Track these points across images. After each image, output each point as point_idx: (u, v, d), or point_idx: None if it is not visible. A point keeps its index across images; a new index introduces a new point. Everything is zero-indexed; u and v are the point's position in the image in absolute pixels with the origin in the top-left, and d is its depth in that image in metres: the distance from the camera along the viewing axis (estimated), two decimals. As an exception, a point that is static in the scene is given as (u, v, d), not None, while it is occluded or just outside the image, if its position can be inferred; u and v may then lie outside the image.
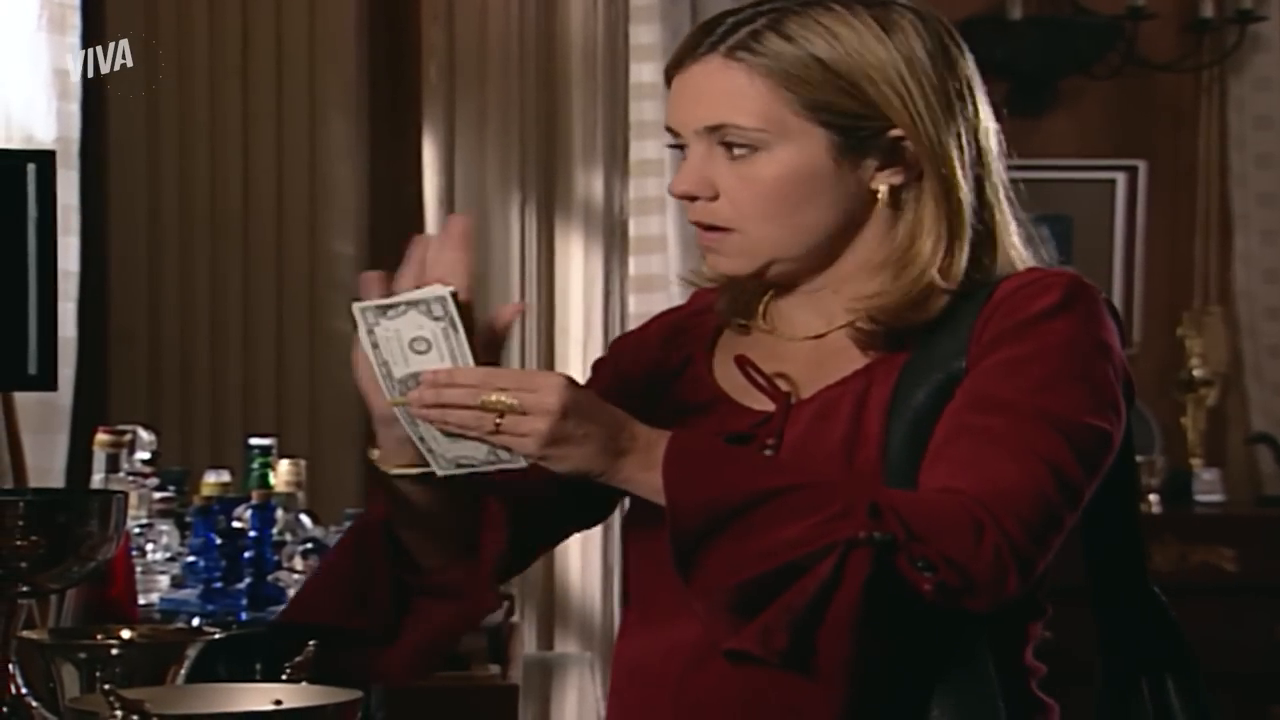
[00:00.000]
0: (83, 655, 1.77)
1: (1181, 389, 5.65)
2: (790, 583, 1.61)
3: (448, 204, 4.92)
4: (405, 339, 1.68)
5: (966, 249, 1.79)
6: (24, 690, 1.87)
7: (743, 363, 1.83)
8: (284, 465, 3.39)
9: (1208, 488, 5.57)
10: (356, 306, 1.67)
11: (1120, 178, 5.73)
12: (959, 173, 1.80)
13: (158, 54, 4.65)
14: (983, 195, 1.84)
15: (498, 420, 1.64)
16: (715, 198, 1.80)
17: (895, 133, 1.78)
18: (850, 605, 1.59)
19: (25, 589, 1.86)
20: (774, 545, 1.61)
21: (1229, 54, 5.66)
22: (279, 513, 3.26)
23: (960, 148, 1.81)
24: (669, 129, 1.83)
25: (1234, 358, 5.69)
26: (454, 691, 3.08)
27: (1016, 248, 1.86)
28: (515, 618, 3.89)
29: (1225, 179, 5.69)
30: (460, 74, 4.91)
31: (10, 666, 1.86)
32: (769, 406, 1.81)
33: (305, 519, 3.37)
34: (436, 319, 1.66)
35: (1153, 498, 5.47)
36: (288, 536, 3.28)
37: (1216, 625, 5.11)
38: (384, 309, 1.66)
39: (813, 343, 1.84)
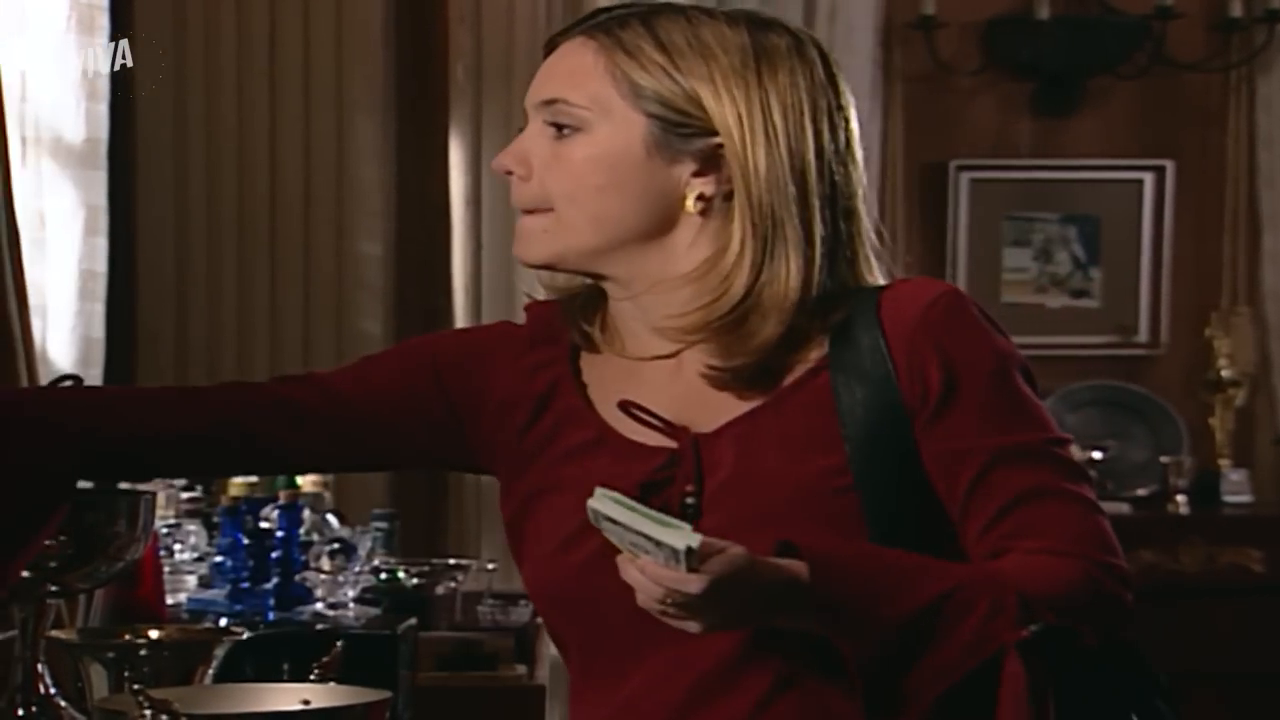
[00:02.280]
0: (111, 655, 1.77)
1: (1209, 389, 5.64)
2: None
3: (474, 205, 4.92)
4: (626, 542, 1.62)
5: (789, 268, 1.73)
6: (53, 689, 1.88)
7: (627, 405, 1.78)
8: (311, 465, 3.40)
9: (1235, 488, 5.55)
10: (599, 500, 1.60)
11: (1148, 178, 5.72)
12: (782, 190, 1.73)
13: (185, 55, 4.66)
14: (834, 213, 1.76)
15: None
16: (529, 177, 1.78)
17: (715, 140, 1.74)
18: (1019, 699, 1.60)
19: (54, 589, 1.87)
20: (946, 663, 1.62)
21: (1257, 53, 5.65)
22: (306, 513, 3.26)
23: (796, 169, 1.74)
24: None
25: (1262, 358, 5.68)
26: (480, 691, 3.08)
27: (870, 260, 1.80)
28: (541, 618, 3.89)
29: (1253, 179, 5.68)
30: (487, 75, 4.92)
31: (39, 666, 1.87)
32: (662, 442, 1.76)
33: (332, 519, 3.38)
34: (655, 547, 1.59)
35: (1180, 498, 5.46)
36: (314, 536, 3.28)
37: (1244, 626, 5.10)
38: (621, 525, 1.58)
39: (667, 365, 1.79)
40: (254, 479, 3.34)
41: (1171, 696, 1.67)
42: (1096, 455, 5.45)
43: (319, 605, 3.16)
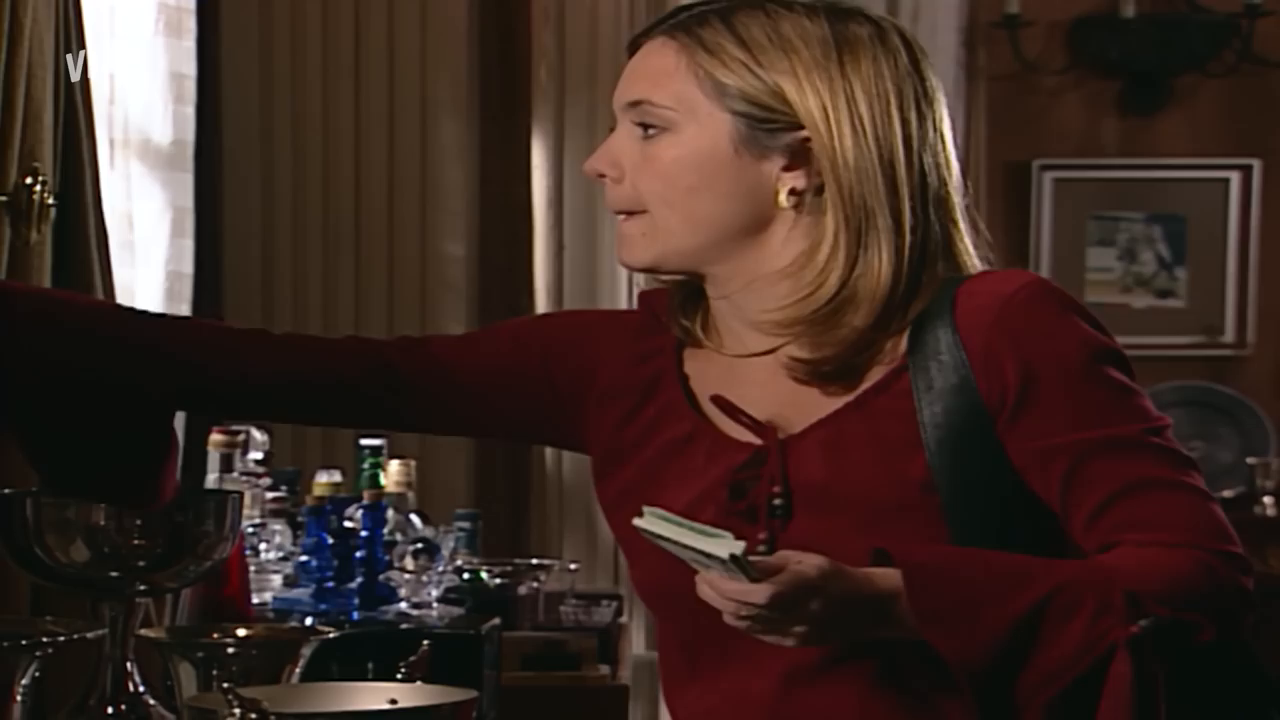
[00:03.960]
0: (200, 654, 1.78)
1: (1297, 390, 5.59)
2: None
3: (556, 206, 4.93)
4: (682, 556, 1.63)
5: (881, 259, 1.72)
6: (142, 688, 1.89)
7: (719, 401, 1.78)
8: (394, 466, 3.41)
9: (1324, 490, 5.50)
10: (646, 520, 1.59)
11: (1234, 177, 5.67)
12: (871, 180, 1.73)
13: (271, 57, 4.69)
14: (924, 203, 1.75)
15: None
16: (622, 179, 1.78)
17: (802, 134, 1.73)
18: (1120, 699, 1.58)
19: (143, 588, 1.89)
20: (1055, 665, 1.59)
21: (1347, 51, 5.60)
22: (390, 513, 3.27)
23: (885, 159, 1.73)
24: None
25: (1351, 358, 5.63)
26: (564, 691, 3.09)
27: (968, 251, 1.79)
28: (624, 618, 3.89)
29: (1342, 178, 5.63)
30: (570, 76, 4.93)
31: (128, 664, 1.89)
32: (751, 439, 1.76)
33: (415, 519, 3.39)
34: (704, 559, 1.59)
35: (1268, 500, 5.41)
36: (398, 536, 3.30)
37: (1333, 630, 5.05)
38: (668, 540, 1.58)
39: (764, 362, 1.79)
40: (339, 479, 3.35)
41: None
42: (1183, 456, 5.40)
43: (403, 605, 3.17)
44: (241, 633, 1.86)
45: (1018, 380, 1.70)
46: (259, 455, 3.44)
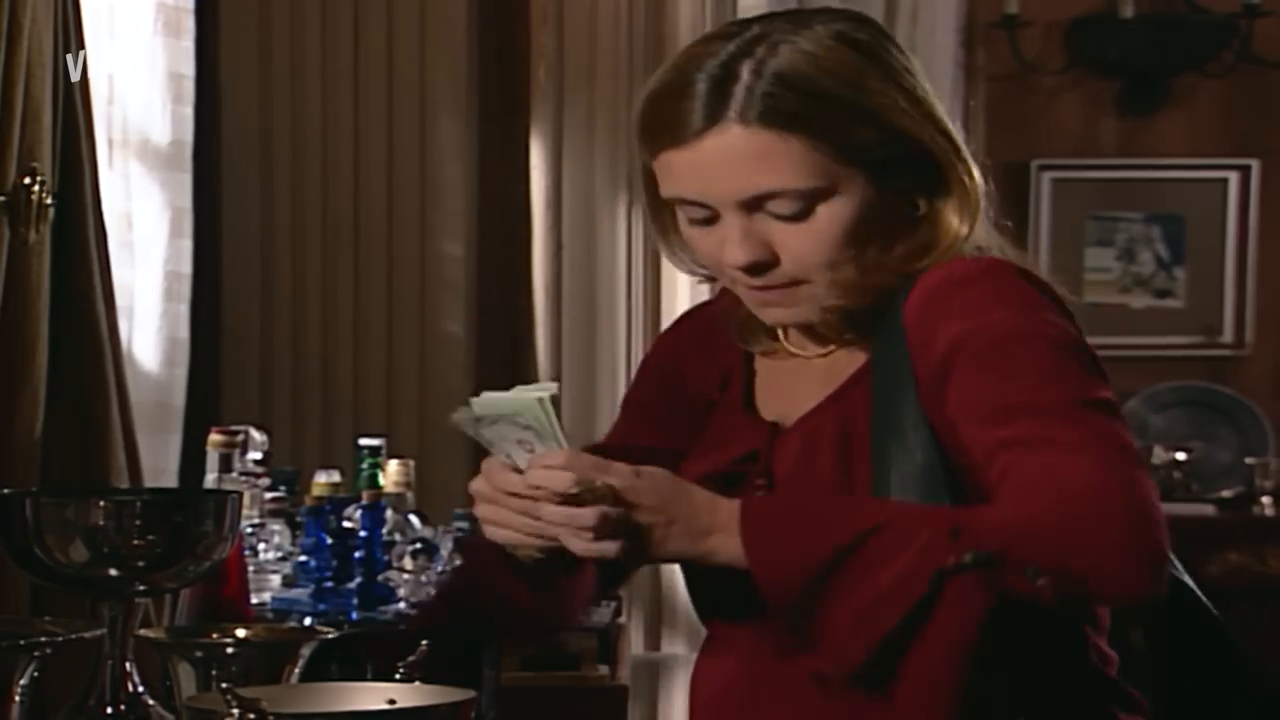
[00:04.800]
0: (199, 654, 1.78)
1: (1296, 390, 5.59)
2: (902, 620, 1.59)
3: (555, 205, 4.93)
4: (511, 439, 1.69)
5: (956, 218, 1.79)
6: (140, 688, 1.89)
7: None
8: (393, 465, 3.41)
9: (1322, 491, 5.50)
10: (455, 417, 1.68)
11: (1233, 177, 5.67)
12: (957, 153, 1.79)
13: (270, 57, 4.69)
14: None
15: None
16: (775, 260, 1.77)
17: (907, 144, 1.75)
18: (963, 632, 1.57)
19: (142, 588, 1.88)
20: (875, 598, 1.59)
21: (1345, 51, 5.60)
22: (389, 513, 3.28)
23: (942, 132, 1.79)
24: (688, 201, 1.78)
25: (1350, 359, 5.63)
26: (563, 692, 3.09)
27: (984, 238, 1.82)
28: (623, 619, 3.89)
29: (1341, 178, 5.63)
30: (569, 76, 4.93)
31: (127, 664, 1.89)
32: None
33: (414, 519, 3.39)
34: (526, 427, 1.67)
35: (1266, 500, 5.41)
36: (397, 536, 3.30)
37: (1332, 630, 5.05)
38: (478, 419, 1.67)
39: (823, 361, 1.84)
40: (337, 479, 3.35)
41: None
42: (1181, 457, 5.41)
43: (402, 605, 3.17)
44: (240, 633, 1.85)
45: (941, 352, 1.71)
46: (258, 455, 3.44)
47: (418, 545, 3.25)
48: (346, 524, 3.20)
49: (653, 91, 1.78)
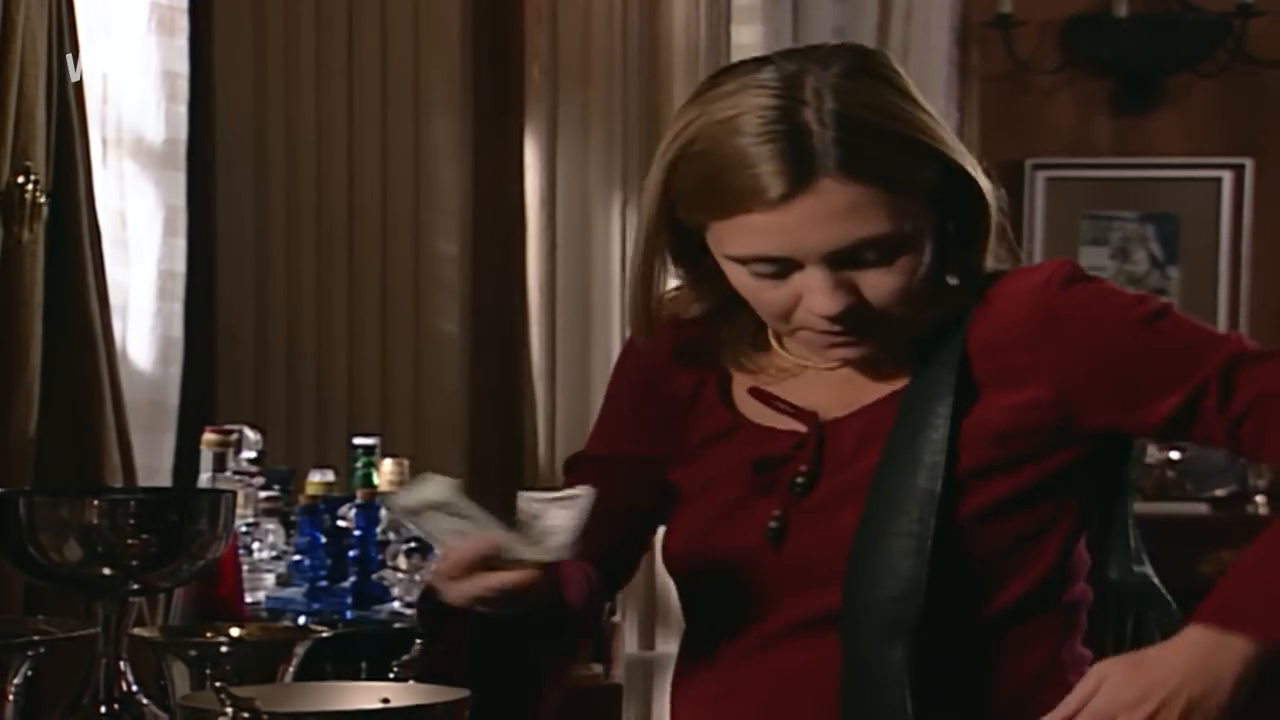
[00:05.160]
0: (194, 653, 1.78)
1: (1290, 390, 5.59)
2: None
3: (550, 204, 4.93)
4: (444, 528, 1.71)
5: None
6: (134, 687, 1.89)
7: (757, 393, 1.84)
8: (387, 464, 3.41)
9: (1317, 490, 5.51)
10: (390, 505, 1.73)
11: (1227, 176, 5.68)
12: (975, 164, 1.79)
13: (264, 56, 4.69)
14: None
15: None
16: (860, 305, 1.74)
17: (946, 166, 1.75)
18: None
19: (136, 587, 1.89)
20: None
21: (1339, 51, 5.60)
22: (383, 512, 3.28)
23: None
24: (764, 258, 1.73)
25: (1343, 358, 5.62)
26: (557, 691, 3.09)
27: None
28: (617, 618, 3.90)
29: (1335, 177, 5.63)
30: (563, 75, 4.93)
31: (121, 663, 1.89)
32: (794, 427, 1.81)
33: (409, 518, 3.39)
34: (455, 514, 1.70)
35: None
36: (391, 535, 3.30)
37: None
38: (413, 511, 1.71)
39: (835, 371, 1.83)
40: (332, 478, 3.35)
41: None
42: (1175, 456, 5.41)
43: (396, 604, 3.18)
44: (235, 632, 1.86)
45: (1058, 388, 1.74)
46: (252, 454, 3.44)
47: (412, 544, 3.25)
48: (341, 523, 3.21)
49: (711, 164, 1.72)
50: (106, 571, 1.85)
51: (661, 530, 1.93)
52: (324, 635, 1.85)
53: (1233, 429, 1.73)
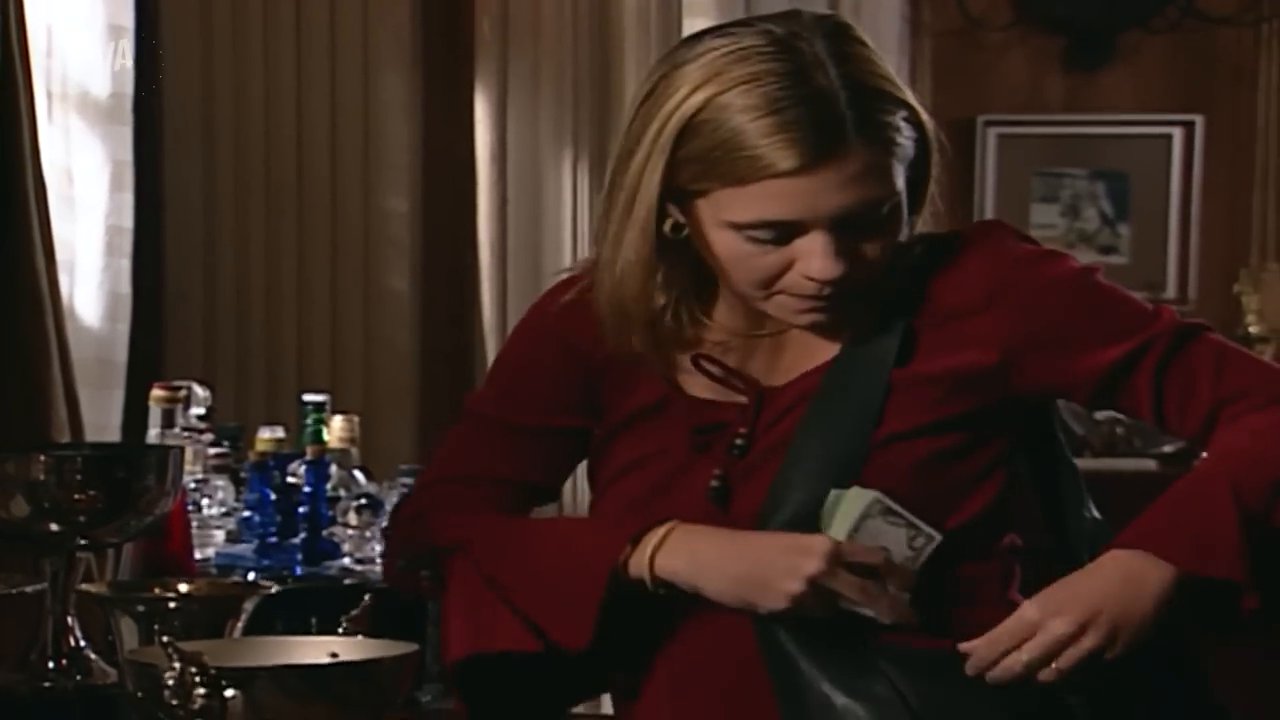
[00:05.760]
0: (141, 608, 1.78)
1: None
2: None
3: (500, 160, 4.91)
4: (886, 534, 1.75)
5: None
6: (83, 642, 1.89)
7: (699, 360, 1.81)
8: (338, 421, 3.40)
9: (1264, 445, 5.53)
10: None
11: (1177, 133, 5.70)
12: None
13: (211, 9, 4.65)
14: None
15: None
16: (852, 269, 1.74)
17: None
18: None
19: (84, 543, 1.88)
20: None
21: (1289, 8, 5.62)
22: (333, 469, 3.27)
23: None
24: (773, 223, 1.71)
25: (1291, 315, 5.66)
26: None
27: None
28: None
29: (1284, 134, 5.65)
30: (513, 31, 4.90)
31: (69, 619, 1.88)
32: (733, 398, 1.81)
33: (359, 475, 3.38)
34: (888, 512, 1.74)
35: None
36: (341, 492, 3.29)
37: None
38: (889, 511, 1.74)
39: (772, 339, 1.82)
40: (282, 435, 3.34)
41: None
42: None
43: (346, 560, 3.17)
44: (183, 588, 1.85)
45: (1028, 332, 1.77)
46: (201, 411, 3.42)
47: (362, 501, 3.25)
48: (290, 480, 3.20)
49: (726, 132, 1.69)
50: (54, 527, 1.84)
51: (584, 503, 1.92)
52: (272, 591, 1.84)
53: (1160, 392, 1.82)
